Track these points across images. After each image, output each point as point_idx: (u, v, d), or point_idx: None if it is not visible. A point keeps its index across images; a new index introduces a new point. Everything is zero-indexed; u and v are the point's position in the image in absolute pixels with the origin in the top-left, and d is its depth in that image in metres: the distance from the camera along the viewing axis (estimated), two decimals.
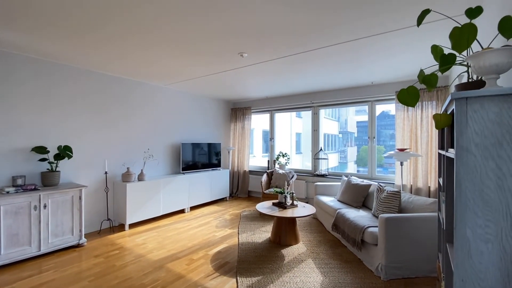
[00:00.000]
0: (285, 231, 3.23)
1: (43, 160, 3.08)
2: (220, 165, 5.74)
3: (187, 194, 4.74)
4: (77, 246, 3.14)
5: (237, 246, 3.17)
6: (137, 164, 4.31)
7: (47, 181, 3.05)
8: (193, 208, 5.00)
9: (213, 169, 5.52)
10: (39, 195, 2.80)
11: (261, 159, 8.90)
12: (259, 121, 8.62)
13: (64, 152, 3.20)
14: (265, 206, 3.47)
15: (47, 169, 3.18)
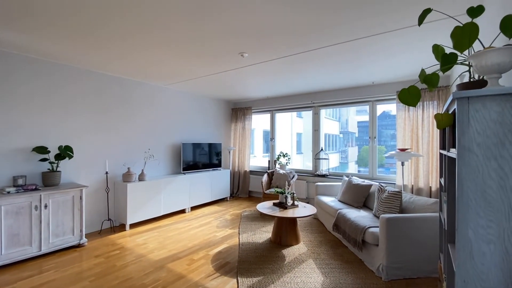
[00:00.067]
0: (285, 231, 3.22)
1: (43, 160, 3.08)
2: (220, 165, 5.74)
3: (187, 194, 4.74)
4: (77, 246, 3.14)
5: (237, 246, 3.16)
6: (138, 164, 4.31)
7: (48, 181, 3.05)
8: (193, 208, 5.00)
9: (213, 169, 5.52)
10: (40, 195, 2.81)
11: (261, 159, 8.89)
12: (260, 121, 8.61)
13: (64, 152, 3.20)
14: (266, 206, 3.47)
15: (48, 169, 3.19)
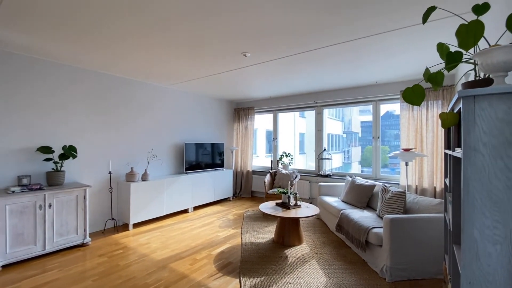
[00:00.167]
0: (288, 232, 3.21)
1: (48, 160, 3.10)
2: (223, 165, 5.74)
3: (190, 194, 4.75)
4: (81, 246, 3.16)
5: (240, 246, 3.16)
6: (141, 164, 4.33)
7: (52, 180, 3.07)
8: (196, 208, 5.01)
9: (216, 169, 5.52)
10: (44, 194, 2.83)
11: (264, 159, 8.89)
12: (262, 121, 8.61)
13: (68, 152, 3.22)
14: (269, 206, 3.46)
15: (52, 169, 3.21)
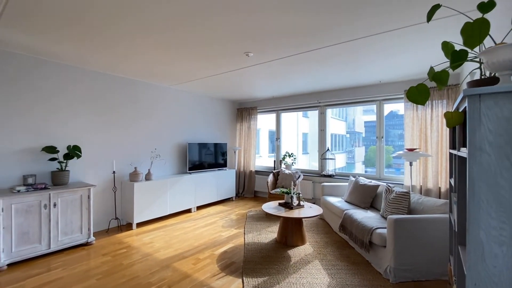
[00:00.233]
0: (291, 232, 3.20)
1: (53, 159, 3.13)
2: (226, 165, 5.75)
3: (193, 193, 4.76)
4: (86, 245, 3.18)
5: (243, 246, 3.16)
6: (145, 164, 4.35)
7: (57, 180, 3.10)
8: (199, 207, 5.02)
9: (219, 169, 5.53)
10: (49, 194, 2.86)
11: (267, 159, 8.88)
12: (265, 121, 8.60)
13: (73, 152, 3.25)
14: (271, 206, 3.45)
15: (57, 168, 3.25)
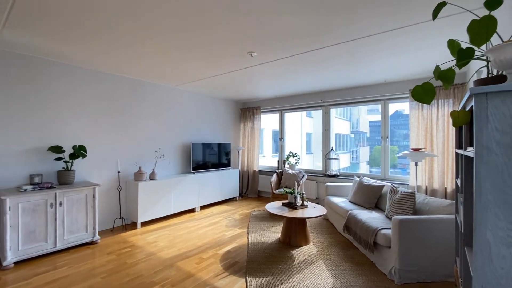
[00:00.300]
0: (295, 232, 3.19)
1: (59, 159, 3.17)
2: (230, 165, 5.76)
3: (197, 193, 4.78)
4: (91, 243, 3.21)
5: (246, 246, 3.16)
6: (149, 164, 4.38)
7: (62, 179, 3.14)
8: (203, 207, 5.04)
9: (223, 169, 5.54)
10: (55, 193, 2.89)
11: (271, 159, 8.86)
12: (269, 121, 8.58)
13: (78, 152, 3.29)
14: (275, 206, 3.45)
15: (63, 168, 3.28)
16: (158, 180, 4.11)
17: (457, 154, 1.87)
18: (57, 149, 3.14)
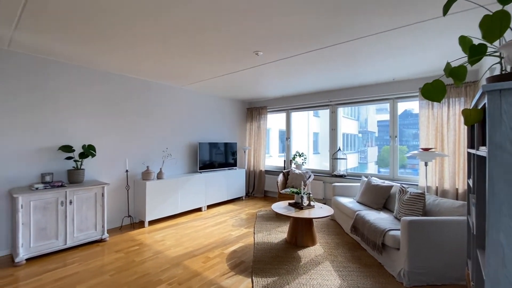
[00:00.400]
0: (301, 232, 3.17)
1: (69, 158, 3.24)
2: (236, 165, 5.76)
3: (204, 192, 4.80)
4: (100, 241, 3.27)
5: (252, 246, 3.15)
6: (156, 163, 4.43)
7: (72, 178, 3.21)
8: (210, 206, 5.06)
9: (229, 169, 5.56)
10: (66, 191, 2.95)
11: (277, 159, 8.84)
12: (275, 121, 8.56)
13: (88, 151, 3.35)
14: (281, 206, 3.43)
15: (73, 167, 3.35)
16: (165, 180, 4.15)
17: (469, 153, 1.82)
18: (67, 148, 3.21)
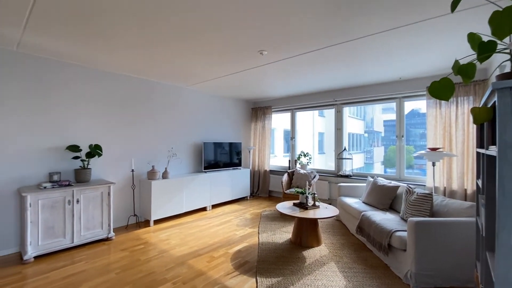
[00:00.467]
0: (306, 232, 3.15)
1: (76, 158, 3.29)
2: (241, 164, 5.77)
3: (208, 192, 4.82)
4: (106, 240, 3.31)
5: (257, 246, 3.15)
6: (162, 163, 4.46)
7: (79, 177, 3.25)
8: (214, 206, 5.07)
9: (234, 168, 5.56)
10: (73, 190, 2.99)
11: (282, 159, 8.81)
12: (280, 121, 8.53)
13: (94, 151, 3.39)
14: (286, 206, 3.42)
15: (80, 166, 3.40)
16: (170, 179, 4.18)
17: (478, 153, 1.78)
18: (74, 148, 3.26)
